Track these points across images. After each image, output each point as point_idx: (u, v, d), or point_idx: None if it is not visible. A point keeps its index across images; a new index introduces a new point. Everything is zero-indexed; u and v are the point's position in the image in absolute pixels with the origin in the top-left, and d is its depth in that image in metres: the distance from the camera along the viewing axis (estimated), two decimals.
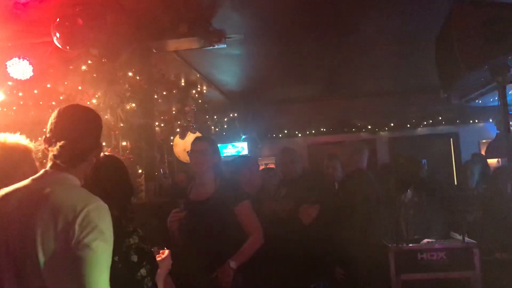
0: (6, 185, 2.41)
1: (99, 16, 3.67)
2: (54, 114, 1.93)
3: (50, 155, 1.90)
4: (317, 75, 6.89)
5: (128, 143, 3.90)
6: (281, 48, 5.51)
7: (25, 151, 2.54)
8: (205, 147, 3.40)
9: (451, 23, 3.21)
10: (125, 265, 2.15)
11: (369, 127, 8.68)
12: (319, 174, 4.88)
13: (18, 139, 2.53)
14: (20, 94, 4.39)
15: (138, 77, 4.07)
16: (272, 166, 8.45)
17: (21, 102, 4.66)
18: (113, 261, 2.14)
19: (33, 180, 1.88)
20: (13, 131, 4.37)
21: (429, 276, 3.89)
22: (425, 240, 4.17)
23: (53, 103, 4.54)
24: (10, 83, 4.25)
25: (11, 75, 4.14)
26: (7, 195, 1.88)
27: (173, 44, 4.27)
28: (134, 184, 2.83)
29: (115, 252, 2.17)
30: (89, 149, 1.94)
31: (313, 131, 8.81)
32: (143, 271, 2.18)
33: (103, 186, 2.32)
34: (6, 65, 4.16)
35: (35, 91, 4.39)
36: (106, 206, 1.77)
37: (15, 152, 2.44)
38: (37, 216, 1.72)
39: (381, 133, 8.80)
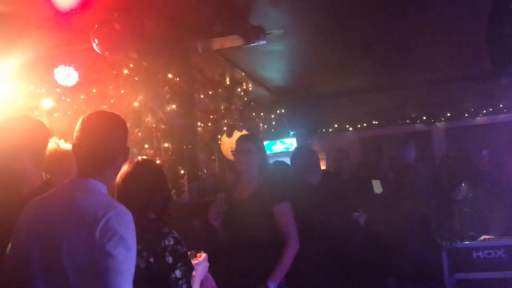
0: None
1: (137, 21, 3.73)
2: (79, 122, 1.95)
3: (76, 162, 1.93)
4: (366, 66, 6.67)
5: (170, 145, 3.93)
6: (322, 41, 5.38)
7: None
8: (249, 146, 3.37)
9: (498, 5, 2.99)
10: (159, 267, 2.16)
11: (424, 118, 8.30)
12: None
13: (69, 145, 2.60)
14: (68, 100, 4.56)
15: (177, 79, 4.09)
16: (323, 164, 8.33)
17: (75, 107, 4.84)
18: (148, 262, 2.17)
19: (61, 187, 1.91)
20: (65, 136, 4.54)
21: (486, 276, 3.65)
22: (483, 237, 3.92)
23: (105, 106, 4.68)
24: (58, 89, 4.43)
25: (58, 82, 4.30)
26: (38, 201, 1.93)
27: (211, 44, 4.27)
28: (174, 187, 2.84)
29: (150, 253, 2.19)
30: (114, 154, 1.93)
31: (365, 124, 8.54)
32: (177, 273, 2.18)
33: (140, 190, 2.35)
34: (53, 72, 4.34)
35: (82, 97, 4.53)
36: (128, 212, 1.76)
37: (68, 158, 2.52)
38: (61, 223, 1.74)
39: (437, 124, 8.38)
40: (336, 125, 8.61)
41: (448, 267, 3.72)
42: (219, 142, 6.78)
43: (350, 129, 8.58)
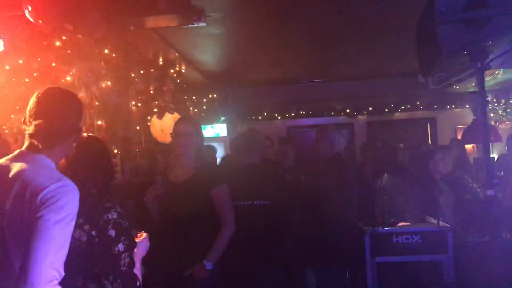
0: None
1: None
2: (34, 96, 1.90)
3: (26, 134, 1.88)
4: (298, 57, 6.85)
5: (103, 122, 3.80)
6: (262, 28, 5.43)
7: None
8: (189, 129, 3.37)
9: (432, 6, 3.20)
10: (102, 240, 2.17)
11: (348, 111, 8.71)
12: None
13: None
14: None
15: (114, 55, 3.95)
16: None
17: None
18: (90, 235, 2.15)
19: (7, 160, 1.88)
20: None
21: (404, 259, 3.96)
22: (401, 224, 4.23)
23: (26, 79, 4.40)
24: None
25: None
26: None
27: (151, 21, 4.17)
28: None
29: (92, 227, 2.17)
30: (67, 131, 1.93)
31: (293, 114, 8.79)
32: (120, 246, 2.20)
33: (84, 165, 2.32)
34: None
35: (7, 67, 4.23)
36: (74, 188, 1.77)
37: None
38: (7, 194, 1.74)
39: (360, 117, 8.84)
40: (265, 113, 8.77)
41: (370, 251, 3.98)
42: (149, 123, 6.64)
43: (279, 117, 8.78)
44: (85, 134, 2.49)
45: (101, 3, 3.67)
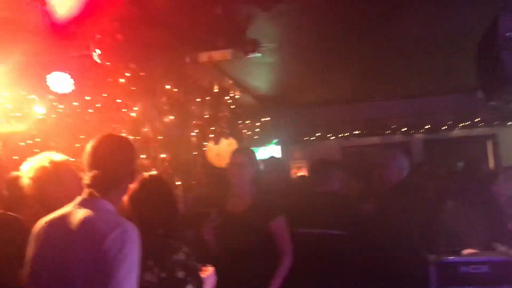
0: (52, 202, 2.52)
1: (137, 31, 3.73)
2: (89, 143, 2.02)
3: (84, 183, 1.99)
4: (351, 77, 6.81)
5: (167, 155, 3.94)
6: (314, 52, 5.47)
7: (67, 167, 2.65)
8: (243, 159, 3.43)
9: (496, 31, 3.12)
10: (171, 281, 2.21)
11: (404, 129, 8.52)
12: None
13: (63, 157, 2.64)
14: (61, 106, 4.50)
15: (175, 89, 4.10)
16: (304, 171, 8.44)
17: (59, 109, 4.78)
18: (159, 277, 2.22)
19: (72, 206, 1.99)
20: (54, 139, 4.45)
21: None
22: (467, 251, 4.07)
23: (90, 110, 4.66)
24: (51, 96, 4.37)
25: (51, 88, 4.24)
26: (52, 221, 2.00)
27: (209, 56, 4.29)
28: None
29: (161, 268, 2.24)
30: (121, 177, 2.03)
31: (347, 134, 8.70)
32: (189, 287, 2.24)
33: (149, 206, 2.39)
34: (46, 78, 4.28)
35: (75, 104, 4.49)
36: (134, 229, 1.86)
37: (61, 170, 2.55)
38: (71, 239, 1.84)
39: (416, 135, 8.62)
40: (318, 134, 8.74)
41: (435, 281, 3.85)
42: (205, 149, 6.80)
43: (332, 137, 8.72)
44: (149, 173, 2.58)
45: (162, 42, 3.84)
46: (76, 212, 1.93)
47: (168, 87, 4.04)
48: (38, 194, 2.54)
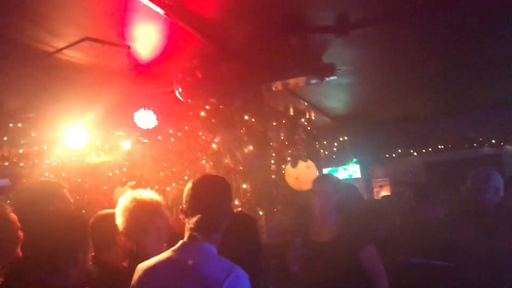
0: (142, 240, 2.60)
1: (216, 66, 3.82)
2: (189, 185, 2.06)
3: (187, 227, 2.03)
4: (432, 91, 6.52)
5: (248, 186, 3.97)
6: (393, 71, 5.30)
7: (157, 205, 2.73)
8: (326, 188, 3.35)
9: None
10: None
11: (493, 141, 7.98)
12: None
13: (150, 194, 2.72)
14: (145, 141, 4.73)
15: (253, 119, 4.14)
16: (386, 190, 8.15)
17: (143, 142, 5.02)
18: None
19: (173, 251, 2.02)
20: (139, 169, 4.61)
21: None
22: None
23: (172, 139, 4.84)
24: (137, 132, 4.60)
25: (138, 125, 4.45)
26: (151, 267, 2.02)
27: (286, 84, 4.30)
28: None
29: None
30: (223, 219, 2.04)
31: (430, 149, 8.31)
32: None
33: (235, 245, 2.39)
34: (132, 115, 4.50)
35: (159, 137, 4.69)
36: (245, 274, 1.88)
37: (150, 207, 2.64)
38: (184, 287, 1.86)
39: (507, 147, 8.03)
40: (399, 150, 8.43)
41: None
42: (283, 172, 6.78)
43: (415, 153, 8.36)
44: (236, 210, 2.58)
45: (240, 75, 3.90)
46: (181, 257, 1.97)
47: (246, 117, 4.08)
48: (128, 232, 2.65)
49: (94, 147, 5.06)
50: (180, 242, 2.05)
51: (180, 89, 3.65)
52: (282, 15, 3.27)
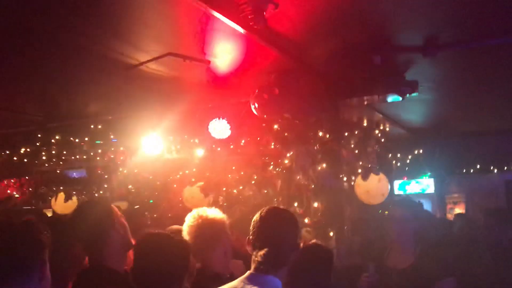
0: (209, 257, 2.61)
1: (293, 81, 3.76)
2: (256, 217, 2.06)
3: (254, 258, 2.04)
4: None
5: (319, 204, 3.89)
6: (477, 86, 4.99)
7: (223, 223, 2.73)
8: (404, 214, 3.22)
9: None
10: None
11: None
12: None
13: (216, 212, 2.74)
14: (219, 149, 4.78)
15: (328, 136, 4.04)
16: (461, 207, 7.72)
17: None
18: None
19: (241, 281, 2.03)
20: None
21: None
22: None
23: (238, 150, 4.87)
24: (210, 140, 4.65)
25: (212, 135, 4.50)
26: None
27: (363, 100, 4.16)
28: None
29: None
30: (289, 252, 2.05)
31: None
32: None
33: (307, 281, 2.35)
34: (207, 125, 4.55)
35: (231, 147, 4.72)
36: None
37: (216, 224, 2.65)
38: None
39: None
40: (478, 166, 7.94)
41: None
42: (352, 183, 6.60)
43: (495, 170, 7.85)
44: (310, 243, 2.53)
45: (317, 91, 3.81)
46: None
47: (320, 133, 3.99)
48: (194, 249, 2.67)
49: (167, 149, 5.18)
50: (247, 273, 2.06)
51: (256, 105, 3.63)
52: (369, 35, 3.16)
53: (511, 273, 3.30)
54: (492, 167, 7.89)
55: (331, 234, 3.82)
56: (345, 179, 4.40)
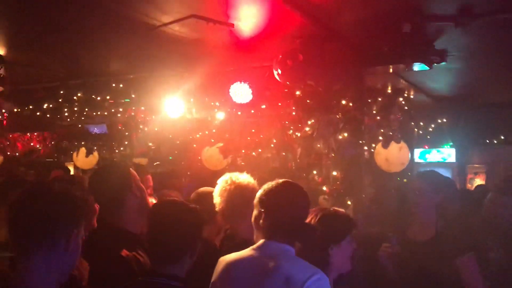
0: (238, 223, 2.64)
1: (317, 48, 3.67)
2: (266, 188, 2.13)
3: (265, 228, 2.09)
4: None
5: (338, 173, 3.87)
6: (507, 58, 4.81)
7: (254, 190, 2.74)
8: (423, 185, 3.20)
9: None
10: None
11: None
12: None
13: (247, 178, 2.73)
14: (239, 113, 4.75)
15: (351, 104, 3.97)
16: (481, 178, 7.62)
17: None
18: None
19: (254, 250, 2.07)
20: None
21: None
22: None
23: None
24: (234, 110, 4.63)
25: (233, 99, 4.47)
26: (233, 263, 2.09)
27: (389, 68, 4.05)
28: None
29: None
30: (301, 223, 2.11)
31: None
32: None
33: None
34: (228, 88, 4.51)
35: (252, 111, 4.69)
36: (326, 278, 1.94)
37: (247, 191, 2.66)
38: (267, 285, 1.93)
39: None
40: (502, 137, 7.77)
41: None
42: (372, 150, 6.54)
43: None
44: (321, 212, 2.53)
45: (342, 58, 3.72)
46: (263, 255, 2.02)
47: (344, 102, 3.92)
48: (224, 213, 2.70)
49: (188, 110, 5.18)
50: (261, 241, 2.08)
51: (279, 71, 3.56)
52: (400, 2, 3.04)
53: None
54: None
55: (349, 202, 3.81)
56: (365, 147, 4.35)
